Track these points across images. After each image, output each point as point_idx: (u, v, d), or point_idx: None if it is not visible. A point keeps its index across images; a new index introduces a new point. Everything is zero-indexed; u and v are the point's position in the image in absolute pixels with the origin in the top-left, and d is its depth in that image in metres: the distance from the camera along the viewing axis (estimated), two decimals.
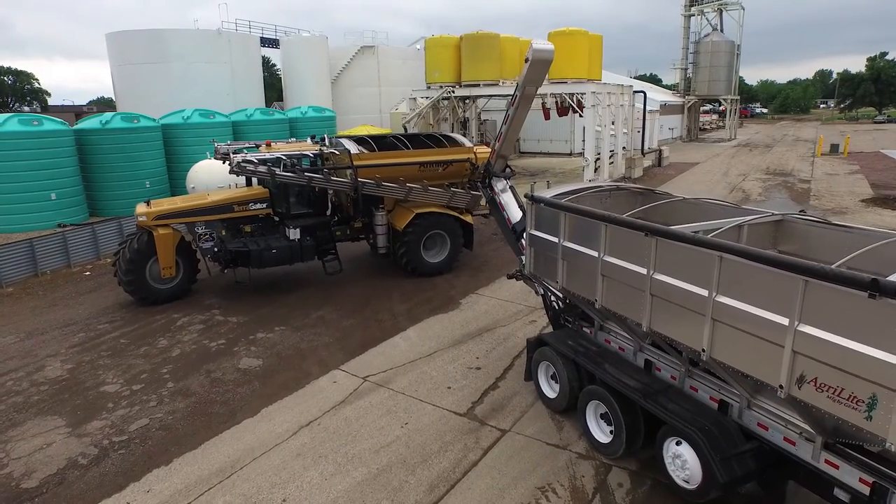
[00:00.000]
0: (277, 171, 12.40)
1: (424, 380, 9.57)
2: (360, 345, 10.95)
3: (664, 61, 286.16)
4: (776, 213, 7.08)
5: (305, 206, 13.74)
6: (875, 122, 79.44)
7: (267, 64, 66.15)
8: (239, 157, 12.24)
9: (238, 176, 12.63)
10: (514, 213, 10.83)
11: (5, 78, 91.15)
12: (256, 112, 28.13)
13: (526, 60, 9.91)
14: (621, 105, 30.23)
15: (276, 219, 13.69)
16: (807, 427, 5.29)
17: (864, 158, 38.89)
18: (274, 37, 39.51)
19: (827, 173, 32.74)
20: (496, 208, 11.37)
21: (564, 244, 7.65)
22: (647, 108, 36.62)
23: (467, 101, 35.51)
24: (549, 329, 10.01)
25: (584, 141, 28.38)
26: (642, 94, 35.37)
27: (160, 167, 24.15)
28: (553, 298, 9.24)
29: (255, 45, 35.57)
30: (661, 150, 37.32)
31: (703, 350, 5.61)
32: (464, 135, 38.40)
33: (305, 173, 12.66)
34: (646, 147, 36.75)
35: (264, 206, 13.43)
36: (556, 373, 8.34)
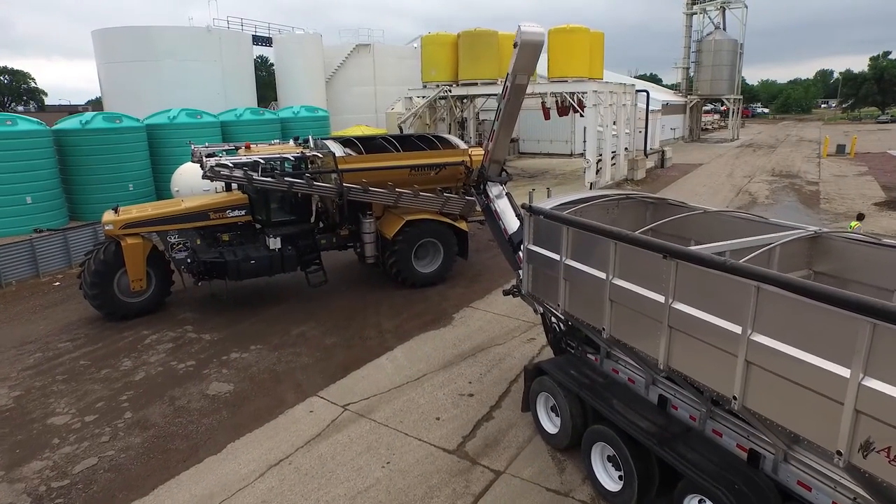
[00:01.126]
0: (255, 175, 11.45)
1: (411, 409, 8.62)
2: (343, 367, 10.00)
3: (664, 61, 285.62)
4: (811, 228, 6.12)
5: (287, 214, 12.79)
6: (878, 122, 78.40)
7: (266, 63, 65.22)
8: (212, 162, 11.28)
9: (213, 181, 11.68)
10: (511, 222, 9.89)
11: (1, 77, 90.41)
12: (246, 112, 27.16)
13: (514, 45, 8.95)
14: (623, 104, 29.28)
15: (258, 226, 12.76)
16: (866, 495, 4.34)
17: (871, 159, 37.92)
18: (267, 35, 38.55)
19: (835, 175, 31.79)
20: (491, 217, 10.42)
21: (567, 263, 6.70)
22: (650, 107, 35.66)
23: (465, 100, 34.57)
24: (549, 352, 9.07)
25: (585, 142, 27.44)
26: (645, 93, 34.41)
27: (144, 169, 23.18)
28: (554, 320, 8.30)
29: (246, 44, 34.59)
30: (663, 151, 36.36)
31: (735, 398, 4.67)
32: (461, 136, 37.51)
33: (286, 178, 11.70)
34: (648, 148, 35.81)
35: (243, 213, 12.48)
36: (557, 406, 7.40)
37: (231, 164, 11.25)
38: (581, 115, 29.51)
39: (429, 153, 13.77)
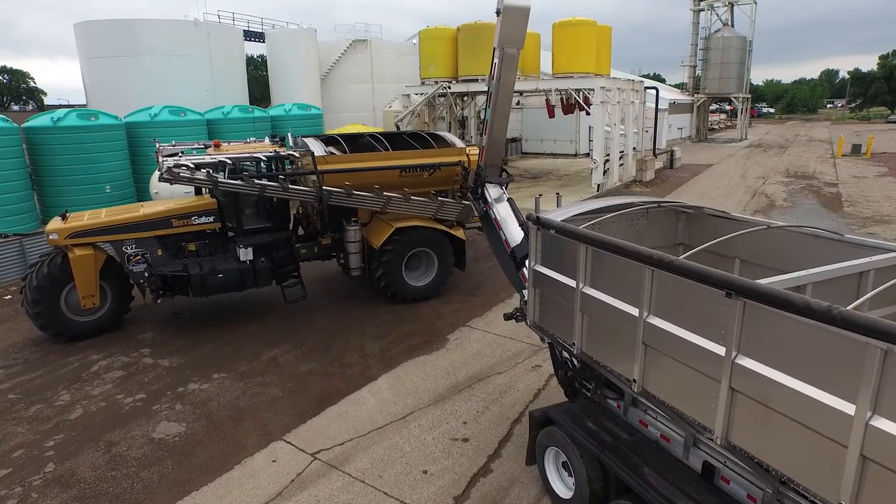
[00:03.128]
0: (221, 178, 10.02)
1: (394, 458, 7.18)
2: (317, 401, 8.56)
3: (668, 60, 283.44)
4: None
5: (261, 220, 11.35)
6: (889, 122, 76.79)
7: (265, 61, 63.77)
8: (170, 162, 9.84)
9: (172, 184, 10.25)
10: (514, 233, 8.45)
11: (1, 77, 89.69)
12: (234, 110, 25.69)
13: (497, 13, 7.81)
14: (632, 102, 27.80)
15: (230, 234, 11.33)
16: None
17: (889, 159, 36.39)
18: (261, 30, 37.15)
19: (853, 176, 30.28)
20: (490, 226, 8.99)
21: (585, 291, 5.26)
22: (656, 106, 34.11)
23: (465, 97, 33.09)
24: (557, 386, 7.60)
25: (591, 141, 25.98)
26: (654, 90, 32.93)
27: (123, 170, 21.75)
28: (566, 355, 6.85)
29: (237, 39, 33.15)
30: (672, 152, 34.87)
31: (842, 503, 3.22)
32: (462, 135, 36.02)
33: (257, 181, 10.26)
34: (656, 148, 34.34)
35: (211, 219, 11.04)
36: (571, 465, 5.95)
37: (192, 165, 9.80)
38: (587, 114, 28.08)
39: (421, 152, 12.32)
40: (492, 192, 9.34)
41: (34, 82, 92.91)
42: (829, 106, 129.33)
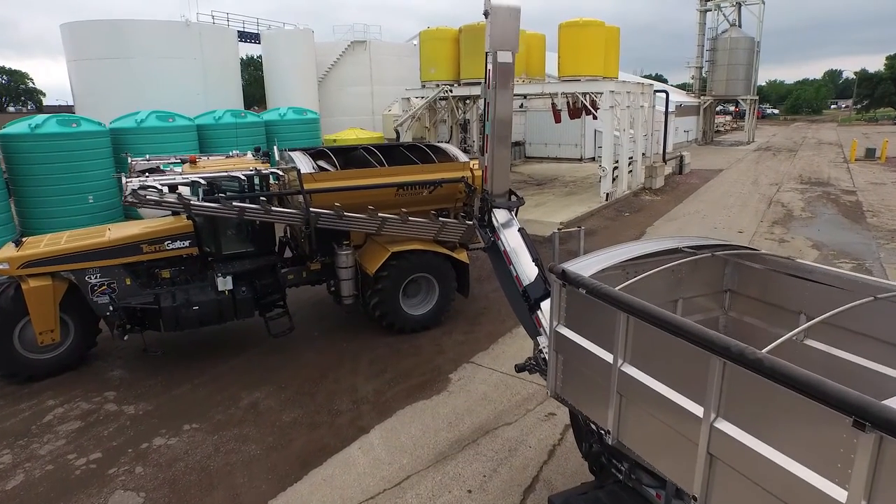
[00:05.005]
0: (194, 200, 8.89)
1: None
2: (300, 461, 7.44)
3: (670, 61, 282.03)
4: None
5: (242, 244, 10.23)
6: None
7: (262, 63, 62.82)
8: (135, 183, 8.71)
9: (138, 208, 9.13)
10: (526, 268, 7.34)
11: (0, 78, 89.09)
12: (226, 114, 24.57)
13: (485, 15, 7.33)
14: (641, 106, 26.66)
15: (210, 258, 10.22)
16: None
17: None
18: (255, 31, 36.04)
19: (871, 182, 29.10)
20: (499, 258, 7.88)
21: (625, 370, 4.13)
22: (662, 108, 32.86)
23: (468, 101, 32.03)
24: (573, 444, 6.47)
25: (600, 147, 24.88)
26: (664, 93, 31.78)
27: (108, 179, 20.57)
28: (593, 425, 5.72)
29: (231, 40, 32.01)
30: (682, 156, 33.69)
31: None
32: (463, 140, 34.95)
33: (236, 203, 9.13)
34: (666, 153, 33.19)
35: (187, 243, 9.92)
36: None
37: (159, 187, 8.66)
38: (594, 118, 26.96)
39: (420, 167, 11.19)
40: (499, 216, 8.24)
41: (33, 83, 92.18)
42: (833, 107, 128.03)
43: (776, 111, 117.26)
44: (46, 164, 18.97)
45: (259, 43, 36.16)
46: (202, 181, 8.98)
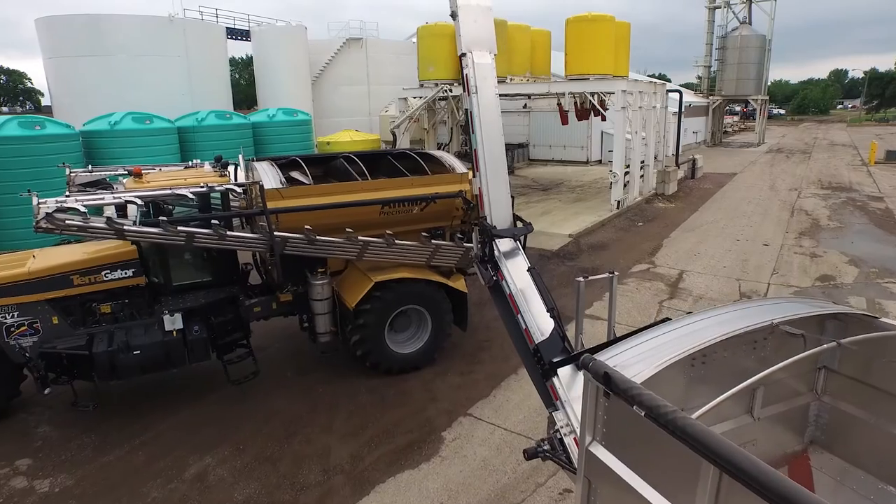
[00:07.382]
0: (127, 224, 7.25)
1: None
2: None
3: (674, 61, 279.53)
4: None
5: (196, 274, 8.61)
6: None
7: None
8: (51, 206, 7.07)
9: (56, 234, 7.51)
10: (538, 319, 5.74)
11: None
12: (210, 116, 22.93)
13: (453, 16, 6.98)
14: (654, 107, 24.98)
15: (158, 291, 8.58)
16: None
17: None
18: (245, 27, 34.41)
19: None
20: (503, 301, 6.28)
21: None
22: (672, 109, 31.05)
23: None
24: None
25: (610, 151, 23.20)
26: (678, 93, 30.07)
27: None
28: None
29: (219, 37, 30.36)
30: (694, 160, 31.99)
31: None
32: (464, 141, 33.25)
33: (183, 227, 7.49)
34: (678, 156, 31.49)
35: (130, 273, 8.29)
36: None
37: (81, 209, 7.03)
38: (602, 119, 25.31)
39: (410, 180, 9.52)
40: (501, 246, 6.63)
41: (31, 83, 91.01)
42: (840, 107, 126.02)
43: (782, 111, 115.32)
44: (8, 169, 17.33)
45: (249, 40, 34.54)
46: (138, 201, 7.32)
